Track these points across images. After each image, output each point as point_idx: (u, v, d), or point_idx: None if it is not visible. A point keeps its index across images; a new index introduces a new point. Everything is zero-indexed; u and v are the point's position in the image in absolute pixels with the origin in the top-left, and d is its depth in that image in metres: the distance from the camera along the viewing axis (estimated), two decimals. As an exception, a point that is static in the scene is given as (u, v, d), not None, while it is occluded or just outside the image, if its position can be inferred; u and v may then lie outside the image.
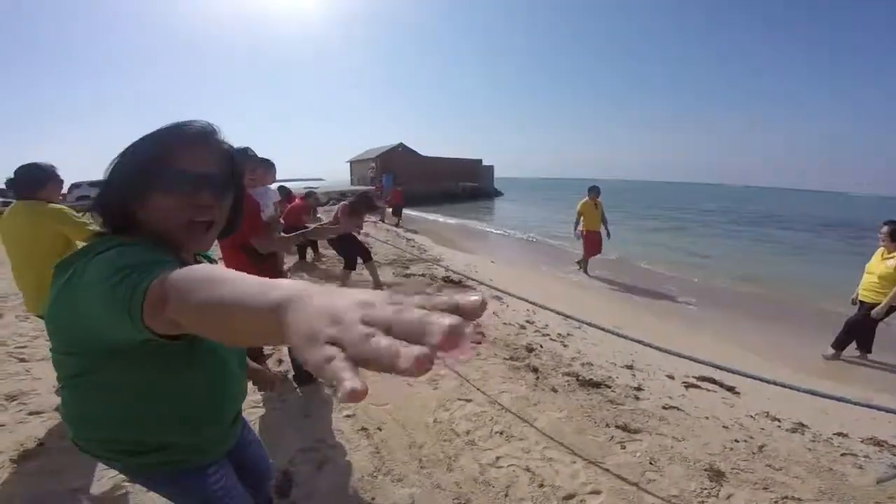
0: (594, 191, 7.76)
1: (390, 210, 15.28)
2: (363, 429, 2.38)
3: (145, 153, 0.81)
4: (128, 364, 0.79)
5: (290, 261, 6.75)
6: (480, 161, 42.09)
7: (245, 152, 2.50)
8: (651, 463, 2.18)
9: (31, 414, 2.46)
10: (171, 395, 0.86)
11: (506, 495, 1.93)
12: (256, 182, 2.62)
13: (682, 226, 20.41)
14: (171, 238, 0.83)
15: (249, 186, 2.53)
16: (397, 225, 14.24)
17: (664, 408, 2.82)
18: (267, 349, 3.31)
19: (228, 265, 2.60)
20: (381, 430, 2.38)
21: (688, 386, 3.28)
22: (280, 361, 3.25)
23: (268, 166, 2.83)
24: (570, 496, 1.93)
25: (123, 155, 0.83)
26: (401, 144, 38.16)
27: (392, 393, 2.78)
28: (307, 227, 3.50)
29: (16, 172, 2.31)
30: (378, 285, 5.29)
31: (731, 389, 3.34)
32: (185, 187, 0.81)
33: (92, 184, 20.17)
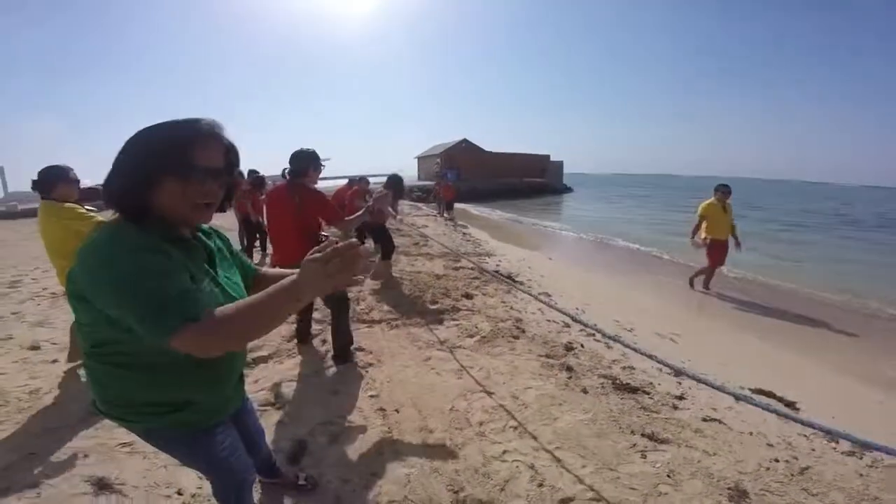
0: (722, 190, 6.02)
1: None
2: (381, 409, 2.49)
3: (163, 143, 0.93)
4: None
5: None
6: (548, 156, 41.05)
7: (314, 156, 2.82)
8: (669, 476, 2.04)
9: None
10: (192, 358, 0.96)
11: (501, 489, 1.92)
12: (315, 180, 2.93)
13: (804, 230, 16.70)
14: (180, 216, 0.98)
15: (313, 183, 2.87)
16: (446, 218, 14.26)
17: (704, 419, 2.63)
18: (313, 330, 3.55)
19: (282, 247, 2.90)
20: (398, 412, 2.47)
21: (739, 398, 3.02)
22: (324, 342, 3.43)
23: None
24: (568, 499, 1.87)
25: (135, 144, 0.95)
26: (464, 140, 38.22)
27: (419, 380, 2.87)
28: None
29: (37, 175, 2.63)
30: (380, 275, 5.30)
31: (791, 405, 3.04)
32: (198, 177, 0.95)
33: None
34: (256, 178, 6.96)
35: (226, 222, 7.46)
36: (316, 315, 3.75)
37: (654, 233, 13.90)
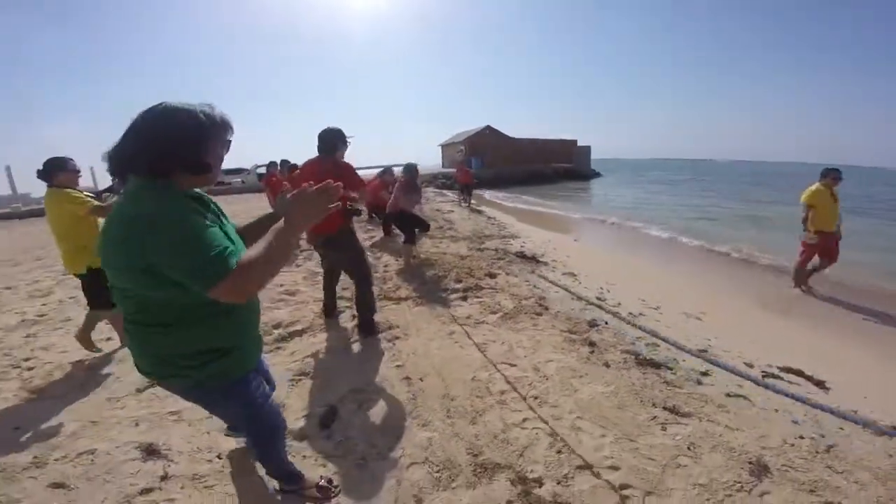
0: (833, 175, 5.15)
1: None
2: (407, 378, 2.60)
3: (211, 121, 1.13)
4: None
5: (376, 236, 7.26)
6: (575, 141, 40.15)
7: (340, 133, 3.01)
8: (689, 448, 2.05)
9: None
10: (225, 307, 1.18)
11: (520, 455, 1.98)
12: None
13: (868, 218, 14.08)
14: (214, 172, 1.18)
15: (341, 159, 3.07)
16: (463, 204, 14.05)
17: (728, 395, 2.60)
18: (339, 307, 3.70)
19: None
20: (422, 380, 2.57)
21: (766, 375, 2.99)
22: (353, 317, 3.56)
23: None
24: (586, 466, 1.91)
25: (153, 130, 1.07)
26: (488, 127, 37.72)
27: (443, 352, 2.96)
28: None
29: (41, 165, 2.82)
30: (408, 256, 5.45)
31: (820, 384, 2.97)
32: (207, 171, 1.16)
33: (227, 171, 23.58)
34: (292, 167, 7.75)
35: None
36: (344, 293, 3.89)
37: (681, 218, 13.46)
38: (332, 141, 2.97)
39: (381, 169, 7.78)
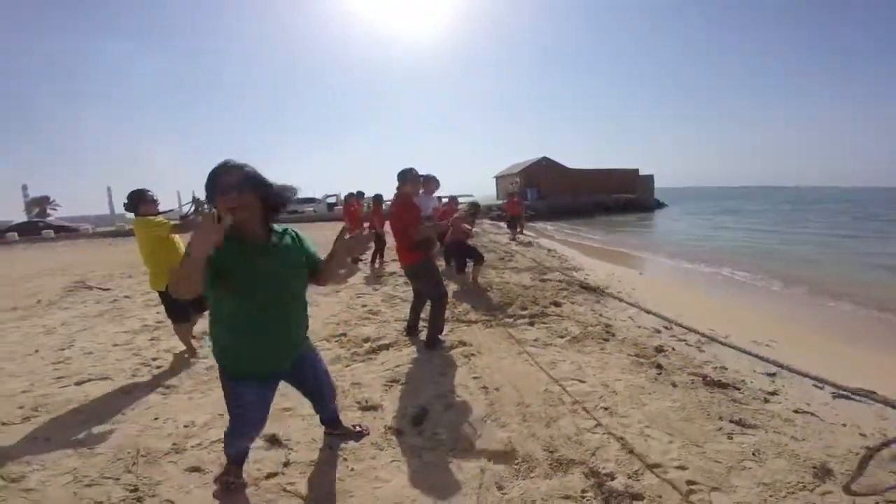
0: None
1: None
2: (484, 387, 2.91)
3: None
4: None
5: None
6: (637, 171, 39.35)
7: (407, 172, 3.60)
8: (754, 454, 2.17)
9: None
10: (230, 314, 1.70)
11: (593, 454, 2.19)
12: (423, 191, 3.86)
13: None
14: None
15: (410, 196, 3.61)
16: (514, 238, 13.17)
17: (795, 411, 2.68)
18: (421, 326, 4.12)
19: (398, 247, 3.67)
20: (498, 390, 2.87)
21: (836, 396, 2.99)
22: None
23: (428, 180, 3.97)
24: (654, 465, 2.09)
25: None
26: (544, 158, 37.88)
27: (515, 368, 3.25)
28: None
29: (126, 198, 3.38)
30: (475, 284, 5.98)
31: (894, 405, 2.93)
32: (215, 205, 1.55)
33: (301, 200, 25.88)
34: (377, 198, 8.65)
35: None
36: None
37: (768, 258, 12.26)
38: (401, 178, 3.57)
39: (450, 196, 8.45)
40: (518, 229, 14.17)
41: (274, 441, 2.41)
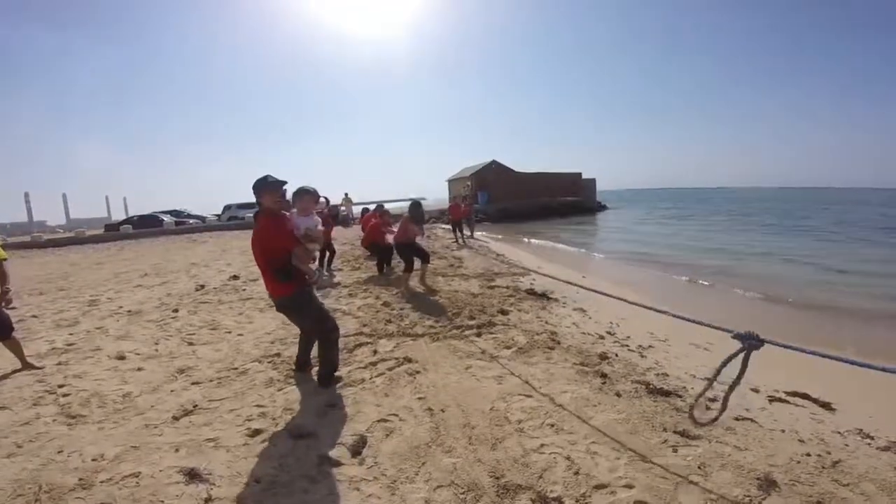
0: None
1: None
2: (429, 409, 2.75)
3: None
4: None
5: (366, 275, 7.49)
6: (580, 174, 40.78)
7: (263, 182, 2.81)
8: (700, 468, 2.18)
9: (192, 384, 3.26)
10: None
11: (539, 477, 2.12)
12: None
13: None
14: None
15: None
16: (457, 241, 13.15)
17: (736, 419, 2.74)
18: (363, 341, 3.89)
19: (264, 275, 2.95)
20: (443, 411, 2.73)
21: (773, 400, 3.10)
22: (374, 352, 3.77)
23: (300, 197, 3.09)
24: (602, 486, 2.05)
25: None
26: (493, 161, 38.37)
27: (461, 384, 3.12)
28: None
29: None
30: (423, 281, 6.24)
31: (826, 406, 3.09)
32: None
33: (240, 206, 24.68)
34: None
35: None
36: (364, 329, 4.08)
37: (692, 252, 13.58)
38: (256, 191, 2.79)
39: (376, 206, 8.33)
40: (465, 233, 14.13)
41: (193, 475, 2.18)
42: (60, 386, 3.29)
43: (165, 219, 23.76)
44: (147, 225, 22.71)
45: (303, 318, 3.06)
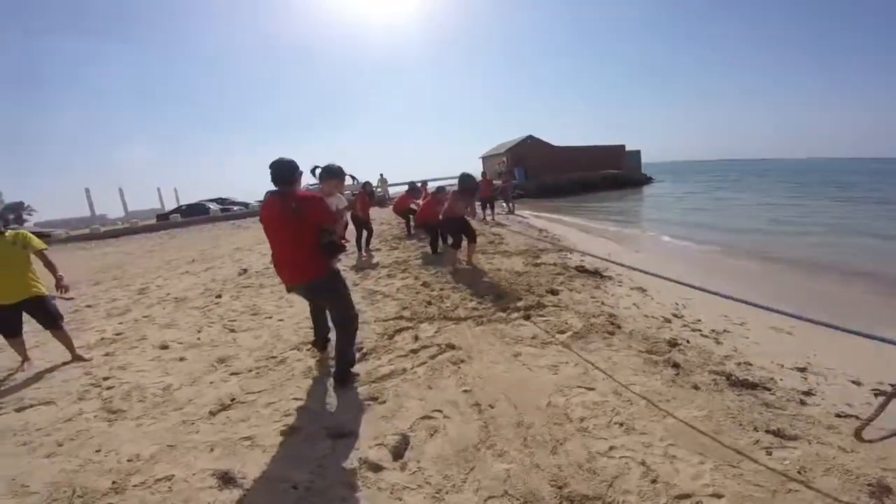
0: None
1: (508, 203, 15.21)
2: (476, 403, 2.48)
3: None
4: None
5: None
6: (623, 146, 38.84)
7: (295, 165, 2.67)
8: (800, 472, 1.84)
9: (231, 374, 3.15)
10: None
11: (609, 485, 1.82)
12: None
13: None
14: None
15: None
16: (485, 220, 12.41)
17: (838, 415, 2.32)
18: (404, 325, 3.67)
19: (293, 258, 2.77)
20: (493, 406, 2.44)
21: (878, 393, 2.63)
22: (416, 338, 3.53)
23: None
24: (685, 496, 1.73)
25: None
26: (530, 136, 37.17)
27: (511, 375, 2.82)
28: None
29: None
30: (469, 260, 6.00)
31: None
32: None
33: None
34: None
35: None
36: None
37: (747, 228, 12.23)
38: (288, 173, 2.61)
39: (437, 188, 7.96)
40: (495, 211, 13.65)
41: (227, 479, 2.03)
42: (105, 378, 3.28)
43: (212, 206, 24.58)
44: (195, 213, 23.57)
45: (336, 299, 2.78)
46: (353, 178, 3.65)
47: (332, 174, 3.12)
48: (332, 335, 3.05)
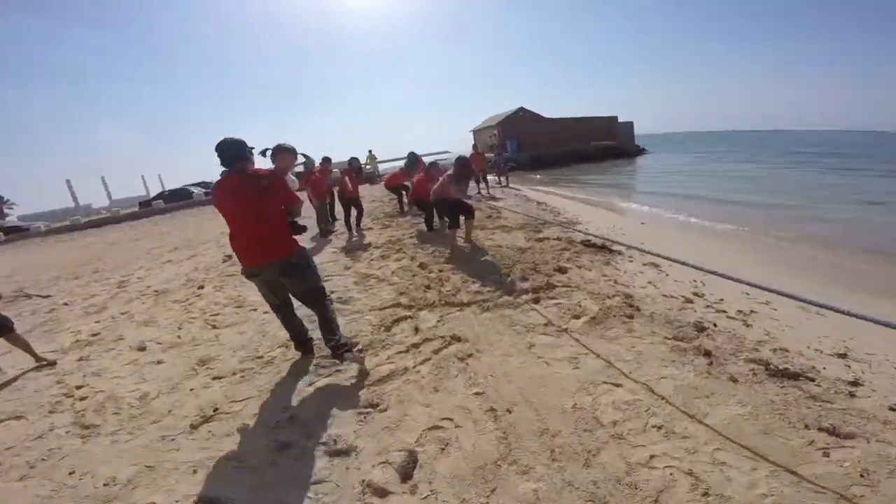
0: None
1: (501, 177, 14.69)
2: (492, 409, 2.18)
3: None
4: None
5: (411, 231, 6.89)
6: (615, 118, 38.23)
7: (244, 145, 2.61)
8: (862, 475, 1.63)
9: (214, 379, 2.84)
10: None
11: (655, 501, 1.57)
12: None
13: None
14: None
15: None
16: (479, 192, 11.78)
17: (891, 409, 2.07)
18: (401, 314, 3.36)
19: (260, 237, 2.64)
20: (510, 412, 2.14)
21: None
22: (416, 329, 3.23)
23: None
24: (744, 509, 1.49)
25: None
26: (521, 108, 36.47)
27: (526, 371, 2.53)
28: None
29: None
30: (468, 239, 5.63)
31: None
32: None
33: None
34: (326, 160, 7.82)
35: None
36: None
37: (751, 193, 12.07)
38: (241, 150, 2.54)
39: (429, 162, 7.54)
40: (489, 184, 13.10)
41: (212, 505, 1.74)
42: (78, 387, 2.97)
43: (195, 191, 23.87)
44: (178, 198, 22.87)
45: (306, 278, 2.66)
46: (304, 156, 3.68)
47: (284, 150, 3.02)
48: (312, 331, 2.98)
